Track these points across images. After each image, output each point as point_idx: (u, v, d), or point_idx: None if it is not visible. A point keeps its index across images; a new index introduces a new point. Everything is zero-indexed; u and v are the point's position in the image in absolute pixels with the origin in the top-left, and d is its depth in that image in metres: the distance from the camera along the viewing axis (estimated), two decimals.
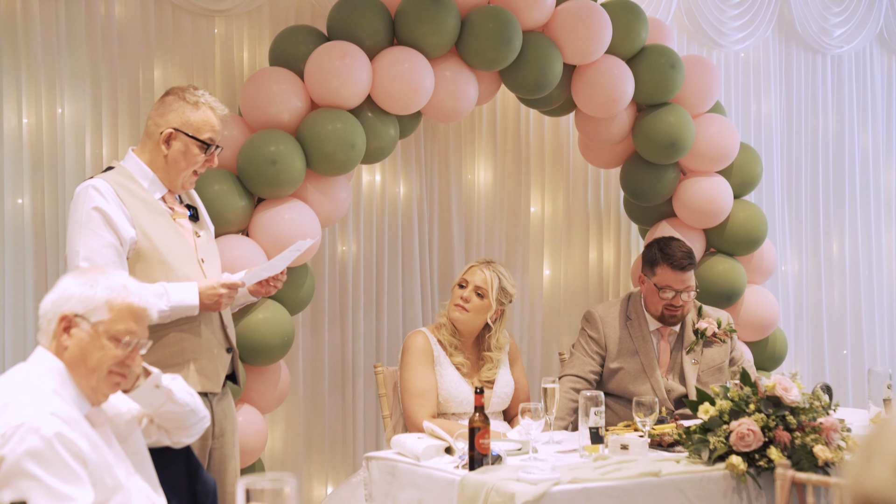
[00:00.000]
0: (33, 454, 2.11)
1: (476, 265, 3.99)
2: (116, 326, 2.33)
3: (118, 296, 2.35)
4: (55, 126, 4.04)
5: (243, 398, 3.99)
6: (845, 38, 5.87)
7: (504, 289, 3.96)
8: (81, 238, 3.01)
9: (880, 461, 0.76)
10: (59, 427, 2.17)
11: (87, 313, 2.32)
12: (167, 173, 3.19)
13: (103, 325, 2.33)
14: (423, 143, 4.89)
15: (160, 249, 3.10)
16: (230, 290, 3.10)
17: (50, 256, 4.02)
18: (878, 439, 0.77)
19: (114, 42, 4.14)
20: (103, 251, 3.00)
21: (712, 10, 5.38)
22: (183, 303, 3.04)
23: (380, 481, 3.40)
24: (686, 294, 4.08)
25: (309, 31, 4.20)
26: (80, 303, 2.32)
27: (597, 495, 3.01)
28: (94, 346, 2.32)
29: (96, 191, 3.05)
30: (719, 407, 3.31)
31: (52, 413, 2.19)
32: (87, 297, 2.33)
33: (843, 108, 5.93)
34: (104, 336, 2.32)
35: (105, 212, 3.02)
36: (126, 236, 3.04)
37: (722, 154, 4.77)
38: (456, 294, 3.96)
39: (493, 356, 3.98)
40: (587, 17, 4.39)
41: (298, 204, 4.02)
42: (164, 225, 3.14)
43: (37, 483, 2.10)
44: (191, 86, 3.27)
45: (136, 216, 3.08)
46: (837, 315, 5.94)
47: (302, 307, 4.18)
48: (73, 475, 2.14)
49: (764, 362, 4.99)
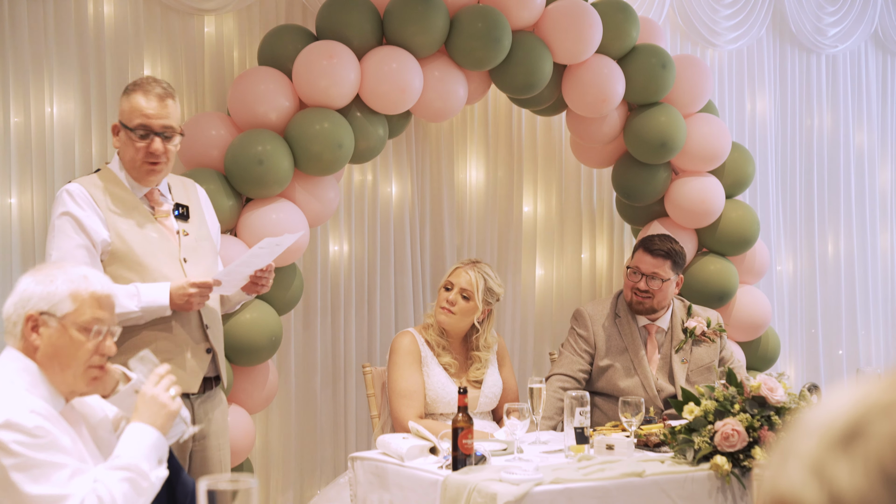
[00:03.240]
0: (22, 444, 2.12)
1: (461, 266, 3.97)
2: (83, 316, 2.31)
3: (80, 286, 2.33)
4: (44, 125, 4.04)
5: (231, 398, 3.99)
6: (840, 38, 5.85)
7: (490, 289, 3.94)
8: (54, 241, 3.06)
9: (794, 462, 0.75)
10: (41, 422, 2.17)
11: (52, 309, 2.30)
12: (128, 168, 3.17)
13: (70, 317, 2.30)
14: (414, 142, 4.89)
15: (135, 250, 3.10)
16: (201, 289, 3.07)
17: (38, 257, 4.02)
18: (793, 439, 0.76)
19: (103, 41, 4.14)
20: (75, 252, 3.02)
21: (706, 10, 5.37)
22: (154, 303, 3.03)
23: (364, 482, 3.40)
24: (654, 282, 4.06)
25: (298, 30, 4.20)
26: (42, 300, 2.30)
27: (579, 496, 3.00)
28: (65, 340, 2.30)
29: (69, 195, 3.08)
30: (704, 407, 3.30)
31: (32, 410, 2.19)
32: (49, 293, 2.31)
33: (838, 108, 5.92)
34: (73, 328, 2.30)
35: (75, 216, 3.04)
36: (97, 238, 3.05)
37: (713, 154, 4.76)
38: (442, 297, 3.95)
39: (481, 356, 3.97)
40: (577, 16, 4.38)
41: (286, 204, 4.02)
42: (142, 225, 3.13)
43: (28, 467, 2.11)
44: (146, 76, 3.25)
45: (110, 218, 3.08)
46: (832, 315, 5.93)
47: (290, 307, 4.18)
48: (66, 455, 2.16)
49: (756, 363, 4.98)
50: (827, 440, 0.75)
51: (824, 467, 0.74)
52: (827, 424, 0.76)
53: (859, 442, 0.74)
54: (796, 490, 0.74)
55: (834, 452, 0.74)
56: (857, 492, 0.72)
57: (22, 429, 2.15)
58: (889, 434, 0.73)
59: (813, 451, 0.75)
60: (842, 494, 0.72)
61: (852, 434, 0.74)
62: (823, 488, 0.73)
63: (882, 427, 0.73)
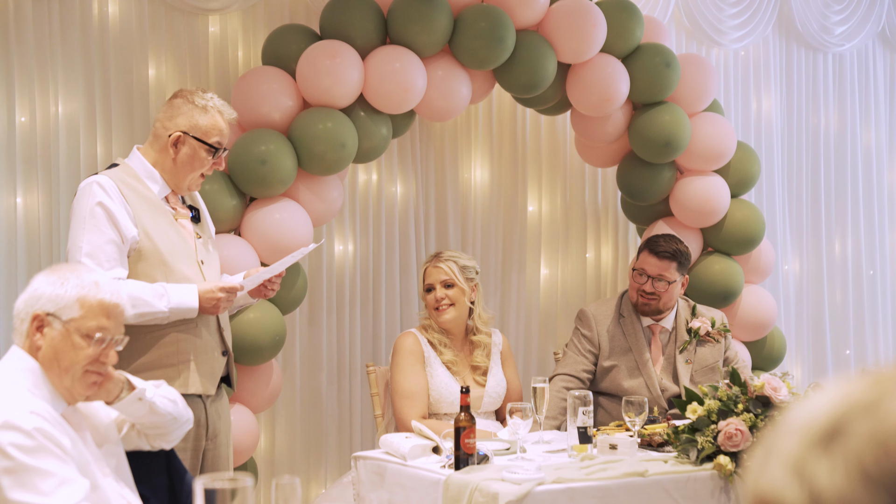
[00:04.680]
0: (17, 447, 2.11)
1: (429, 266, 4.00)
2: (88, 323, 2.31)
3: (89, 292, 2.32)
4: (49, 125, 4.05)
5: (235, 398, 3.99)
6: (846, 37, 5.83)
7: (465, 266, 3.98)
8: (84, 234, 3.00)
9: (776, 461, 0.75)
10: (40, 423, 2.17)
11: (59, 311, 2.30)
12: (174, 175, 3.20)
13: (74, 322, 2.30)
14: (418, 141, 4.89)
15: (161, 249, 3.10)
16: (228, 293, 3.10)
17: (43, 256, 4.03)
18: (775, 439, 0.76)
19: (108, 41, 4.15)
20: (105, 247, 3.00)
21: (711, 9, 5.35)
22: (182, 305, 3.03)
23: (367, 481, 3.40)
24: (660, 284, 4.05)
25: (301, 30, 4.20)
26: (50, 301, 2.30)
27: (580, 495, 2.99)
28: (66, 344, 2.30)
29: (100, 187, 3.04)
30: (707, 407, 3.30)
31: (32, 411, 2.18)
32: (58, 296, 2.30)
33: (845, 107, 5.90)
34: (76, 334, 2.30)
35: (108, 208, 3.02)
36: (128, 234, 3.04)
37: (718, 153, 4.75)
38: (430, 300, 3.95)
39: (481, 339, 3.98)
40: (581, 15, 4.37)
41: (290, 203, 4.02)
42: (165, 225, 3.14)
43: (17, 472, 2.10)
44: (199, 88, 3.28)
45: (138, 215, 3.08)
46: (840, 315, 5.91)
47: (294, 307, 4.18)
48: (60, 462, 2.14)
49: (762, 362, 4.97)
50: (808, 439, 0.74)
51: (805, 466, 0.73)
52: (808, 424, 0.75)
53: (839, 441, 0.73)
54: (777, 489, 0.74)
55: (814, 451, 0.74)
56: (837, 491, 0.71)
57: (20, 430, 2.14)
58: (869, 433, 0.72)
59: (794, 451, 0.75)
60: (821, 493, 0.72)
61: (833, 433, 0.74)
62: (804, 487, 0.73)
63: (862, 426, 0.73)
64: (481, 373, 3.98)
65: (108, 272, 2.98)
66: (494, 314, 4.09)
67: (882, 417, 0.72)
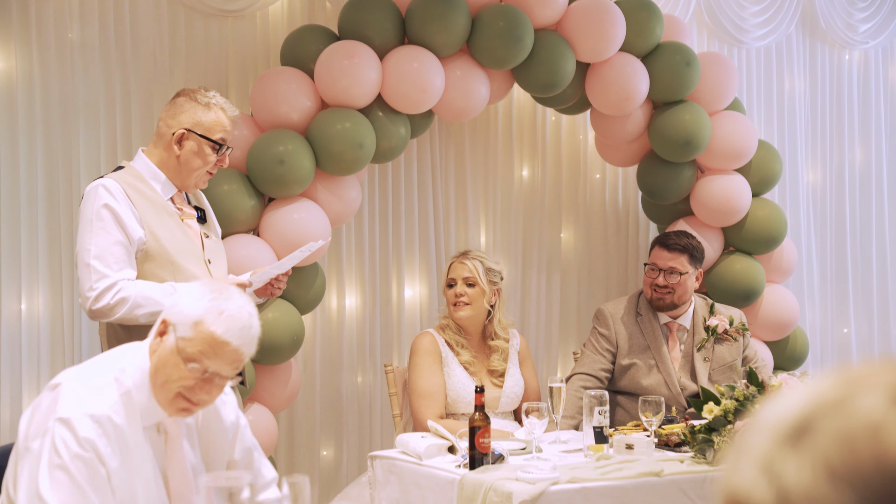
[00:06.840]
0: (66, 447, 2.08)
1: (455, 261, 4.01)
2: (190, 349, 2.19)
3: (207, 318, 2.20)
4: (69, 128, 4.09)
5: (253, 397, 4.01)
6: (871, 34, 5.77)
7: (490, 269, 3.97)
8: (91, 236, 3.04)
9: (746, 459, 0.74)
10: (92, 435, 2.11)
11: (178, 324, 2.22)
12: (179, 174, 3.23)
13: (182, 341, 2.20)
14: (438, 141, 4.88)
15: (168, 249, 3.13)
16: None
17: (65, 261, 4.07)
18: (747, 437, 0.76)
19: (127, 44, 4.18)
20: (113, 249, 3.03)
21: (733, 7, 5.32)
22: None
23: (383, 480, 3.41)
24: (672, 276, 4.04)
25: (319, 30, 4.22)
26: (179, 312, 2.22)
27: (596, 495, 2.98)
28: (171, 360, 2.21)
29: (106, 190, 3.08)
30: (724, 406, 3.28)
31: (94, 419, 2.13)
32: (184, 309, 2.22)
33: (870, 105, 5.84)
34: (179, 354, 2.20)
35: (114, 210, 3.05)
36: (135, 236, 3.07)
37: (739, 152, 4.72)
38: (449, 295, 3.96)
39: (499, 345, 3.98)
40: (600, 14, 4.36)
41: (308, 203, 4.03)
42: (172, 225, 3.17)
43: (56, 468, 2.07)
44: (202, 87, 3.31)
45: (144, 216, 3.11)
46: (864, 315, 5.84)
47: (312, 307, 4.20)
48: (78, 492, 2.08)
49: (784, 362, 4.93)
50: (776, 437, 0.74)
51: (773, 464, 0.73)
52: (777, 422, 0.75)
53: (807, 439, 0.73)
54: (746, 488, 0.73)
55: (783, 449, 0.73)
56: (804, 488, 0.71)
57: (73, 432, 2.10)
58: (836, 431, 0.72)
59: (763, 449, 0.74)
60: (789, 491, 0.71)
61: (801, 431, 0.74)
62: (772, 485, 0.72)
63: (830, 424, 0.73)
64: (498, 375, 3.98)
65: (117, 273, 3.01)
66: (514, 320, 4.09)
67: (849, 415, 0.72)
